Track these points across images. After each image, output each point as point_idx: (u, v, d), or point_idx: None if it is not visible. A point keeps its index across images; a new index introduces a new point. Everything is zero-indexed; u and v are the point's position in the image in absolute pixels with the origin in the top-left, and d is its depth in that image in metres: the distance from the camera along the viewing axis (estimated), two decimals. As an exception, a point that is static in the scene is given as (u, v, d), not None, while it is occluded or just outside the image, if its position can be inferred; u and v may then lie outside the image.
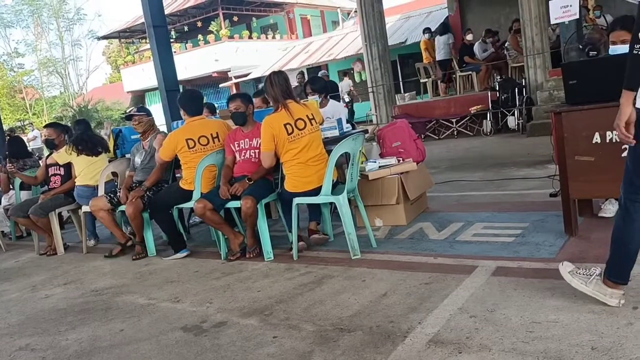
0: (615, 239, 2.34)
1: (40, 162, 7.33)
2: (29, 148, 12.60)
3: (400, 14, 19.39)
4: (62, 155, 5.27)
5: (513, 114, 9.58)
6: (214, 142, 4.39)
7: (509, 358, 2.08)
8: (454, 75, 11.98)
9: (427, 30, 12.90)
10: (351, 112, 15.23)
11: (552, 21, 5.88)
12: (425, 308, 2.66)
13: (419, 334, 2.40)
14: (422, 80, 12.55)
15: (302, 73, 12.48)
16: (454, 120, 10.53)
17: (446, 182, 5.92)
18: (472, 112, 10.15)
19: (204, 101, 5.14)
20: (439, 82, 12.32)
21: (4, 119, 31.32)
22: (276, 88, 3.87)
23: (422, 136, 9.89)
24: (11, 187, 6.65)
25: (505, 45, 11.11)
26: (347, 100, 15.19)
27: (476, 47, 11.45)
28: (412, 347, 2.30)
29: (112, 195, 4.77)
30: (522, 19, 9.51)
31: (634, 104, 2.14)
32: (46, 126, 5.87)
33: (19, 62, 35.14)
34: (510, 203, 4.58)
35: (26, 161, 6.72)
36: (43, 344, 3.04)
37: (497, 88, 10.10)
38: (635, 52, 2.08)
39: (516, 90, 9.60)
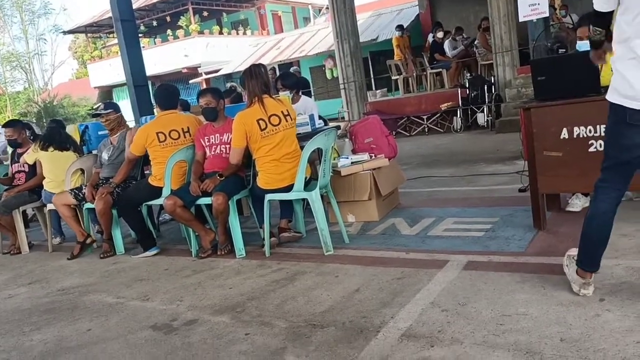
0: (583, 227, 2.38)
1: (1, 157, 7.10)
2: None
3: (372, 11, 19.45)
4: (31, 155, 5.15)
5: (482, 111, 9.73)
6: (184, 137, 4.32)
7: (480, 351, 2.10)
8: (425, 73, 12.09)
9: (399, 27, 12.97)
10: None
11: (521, 19, 5.98)
12: (397, 303, 2.67)
13: (391, 328, 2.41)
14: (393, 77, 12.61)
15: (273, 69, 12.41)
16: (424, 117, 10.62)
17: (417, 178, 5.96)
18: (442, 109, 10.27)
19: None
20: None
21: (-35, 114, 30.31)
22: (255, 81, 3.79)
23: (394, 133, 9.92)
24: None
25: (475, 43, 11.26)
26: None
27: (446, 45, 11.57)
28: (385, 341, 2.30)
29: (77, 192, 4.65)
30: (491, 17, 9.65)
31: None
32: (4, 125, 5.69)
33: (-20, 56, 34.00)
34: (480, 198, 4.64)
35: None
36: (7, 345, 2.94)
37: (467, 85, 10.24)
38: None
39: (485, 88, 9.75)
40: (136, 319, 3.04)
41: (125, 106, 8.53)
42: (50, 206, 4.93)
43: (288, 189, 3.80)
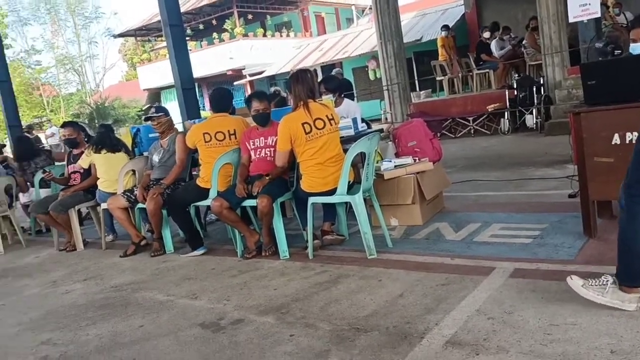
0: (621, 242, 2.35)
1: (53, 156, 7.40)
2: (46, 145, 12.72)
3: (416, 11, 19.26)
4: (85, 160, 5.42)
5: (531, 113, 9.49)
6: (230, 139, 4.43)
7: (526, 360, 2.08)
8: (471, 73, 11.88)
9: (445, 27, 12.80)
10: None
11: (571, 20, 5.81)
12: (442, 309, 2.66)
13: (436, 335, 2.41)
14: (438, 78, 12.47)
15: (315, 71, 12.46)
16: (470, 119, 10.45)
17: (463, 181, 5.88)
18: (489, 110, 10.07)
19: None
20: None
21: (21, 115, 31.75)
22: (300, 86, 3.87)
23: (438, 135, 9.84)
24: (29, 184, 6.75)
25: (523, 43, 10.99)
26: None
27: (493, 45, 11.35)
28: (430, 348, 2.30)
29: (129, 194, 4.84)
30: (540, 17, 9.40)
31: None
32: (64, 126, 5.94)
33: (36, 59, 35.61)
34: (528, 203, 4.54)
35: (37, 162, 6.79)
36: (65, 339, 3.10)
37: (515, 86, 10.00)
38: None
39: (534, 89, 9.50)
40: (185, 316, 3.14)
41: (173, 108, 8.79)
42: (103, 205, 5.14)
43: (331, 192, 3.84)
